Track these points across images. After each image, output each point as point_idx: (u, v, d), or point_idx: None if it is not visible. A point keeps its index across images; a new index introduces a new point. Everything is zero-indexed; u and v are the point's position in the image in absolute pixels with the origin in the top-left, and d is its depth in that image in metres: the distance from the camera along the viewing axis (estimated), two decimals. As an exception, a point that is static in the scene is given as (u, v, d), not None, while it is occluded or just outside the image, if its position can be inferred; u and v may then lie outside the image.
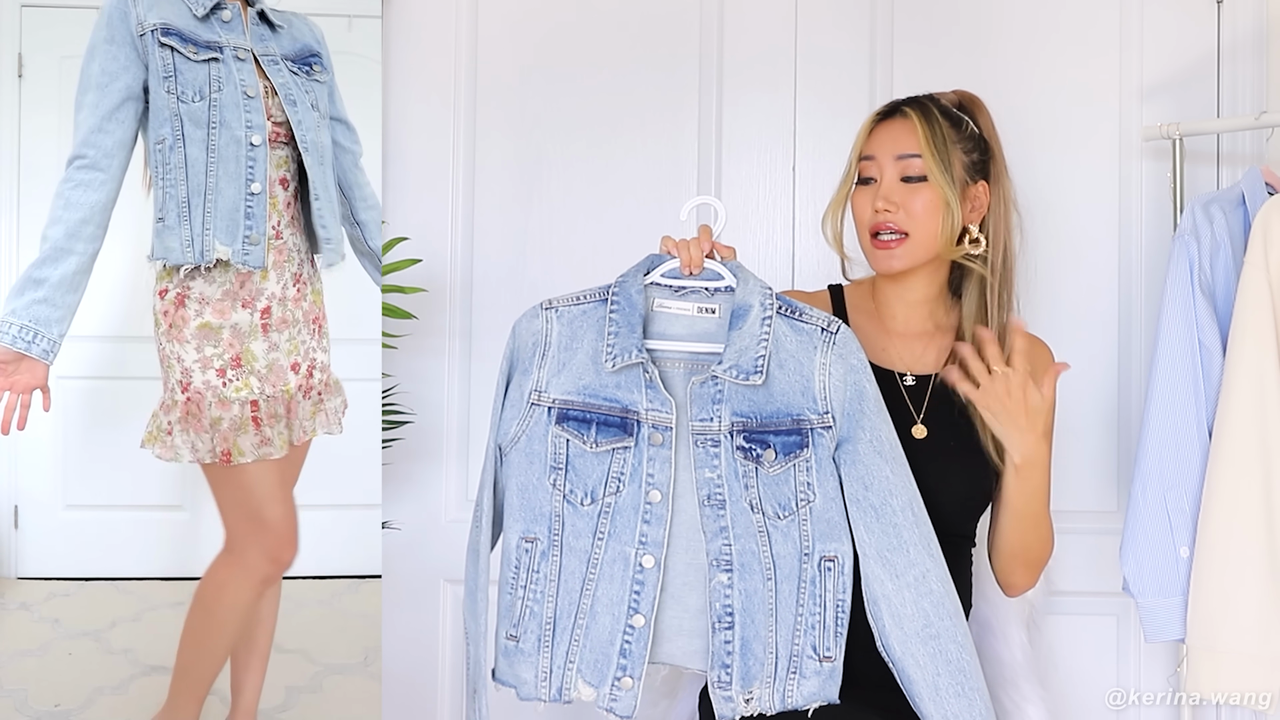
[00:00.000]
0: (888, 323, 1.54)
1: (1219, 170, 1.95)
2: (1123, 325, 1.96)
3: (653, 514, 1.29)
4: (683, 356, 1.33)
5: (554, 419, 1.32)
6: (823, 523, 1.30)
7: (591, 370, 1.32)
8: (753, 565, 1.28)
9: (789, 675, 1.29)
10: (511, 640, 1.32)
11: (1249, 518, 1.56)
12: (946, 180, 1.43)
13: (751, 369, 1.28)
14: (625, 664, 1.28)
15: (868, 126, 1.50)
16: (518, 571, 1.32)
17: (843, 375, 1.31)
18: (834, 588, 1.29)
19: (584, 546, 1.30)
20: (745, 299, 1.32)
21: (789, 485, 1.30)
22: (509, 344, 1.36)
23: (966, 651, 1.29)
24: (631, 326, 1.30)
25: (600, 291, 1.35)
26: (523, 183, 2.05)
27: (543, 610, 1.31)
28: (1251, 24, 1.94)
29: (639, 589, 1.28)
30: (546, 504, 1.31)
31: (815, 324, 1.32)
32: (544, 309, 1.36)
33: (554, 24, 2.05)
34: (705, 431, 1.29)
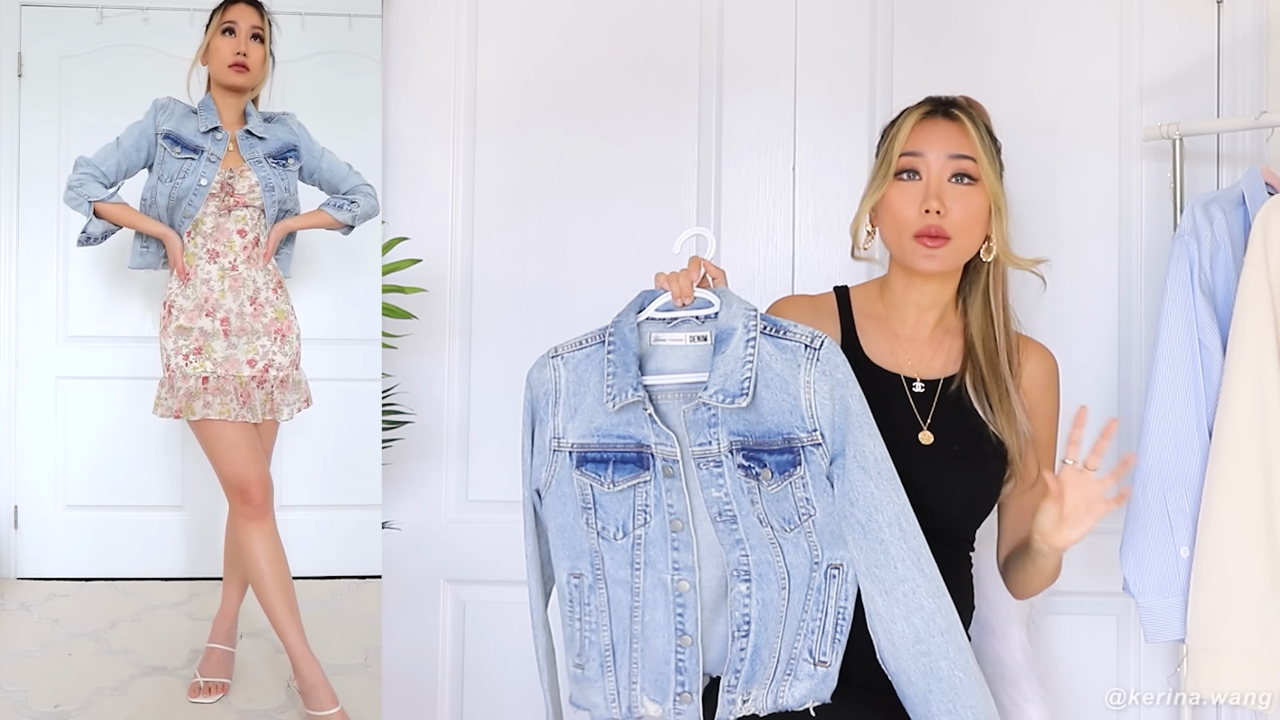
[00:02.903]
0: (896, 326, 1.53)
1: (1219, 170, 1.94)
2: (1123, 325, 1.96)
3: (680, 542, 1.33)
4: (676, 388, 1.36)
5: (575, 463, 1.37)
6: (827, 534, 1.32)
7: (601, 412, 1.36)
8: (769, 575, 1.32)
9: (784, 678, 1.32)
10: (578, 669, 1.41)
11: (1249, 518, 1.56)
12: (999, 184, 1.45)
13: (737, 391, 1.30)
14: (683, 680, 1.34)
15: (911, 123, 1.47)
16: (572, 606, 1.40)
17: (828, 391, 1.32)
18: (837, 595, 1.31)
19: (625, 577, 1.36)
20: (729, 323, 1.33)
21: (789, 502, 1.32)
22: (526, 395, 1.43)
23: (959, 668, 1.28)
24: (627, 366, 1.34)
25: (599, 333, 1.39)
26: (523, 183, 2.05)
27: (599, 639, 1.38)
28: (1251, 24, 1.94)
29: (681, 612, 1.34)
30: (584, 541, 1.38)
31: (799, 341, 1.33)
32: (550, 358, 1.41)
33: (554, 24, 2.05)
34: (706, 455, 1.32)
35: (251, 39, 1.95)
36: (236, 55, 1.93)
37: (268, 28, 1.99)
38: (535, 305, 2.03)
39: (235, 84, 1.96)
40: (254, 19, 1.96)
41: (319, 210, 2.04)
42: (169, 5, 2.49)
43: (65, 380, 2.60)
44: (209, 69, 1.98)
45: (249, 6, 1.97)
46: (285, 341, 1.98)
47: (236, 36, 1.94)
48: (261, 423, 1.97)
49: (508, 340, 2.02)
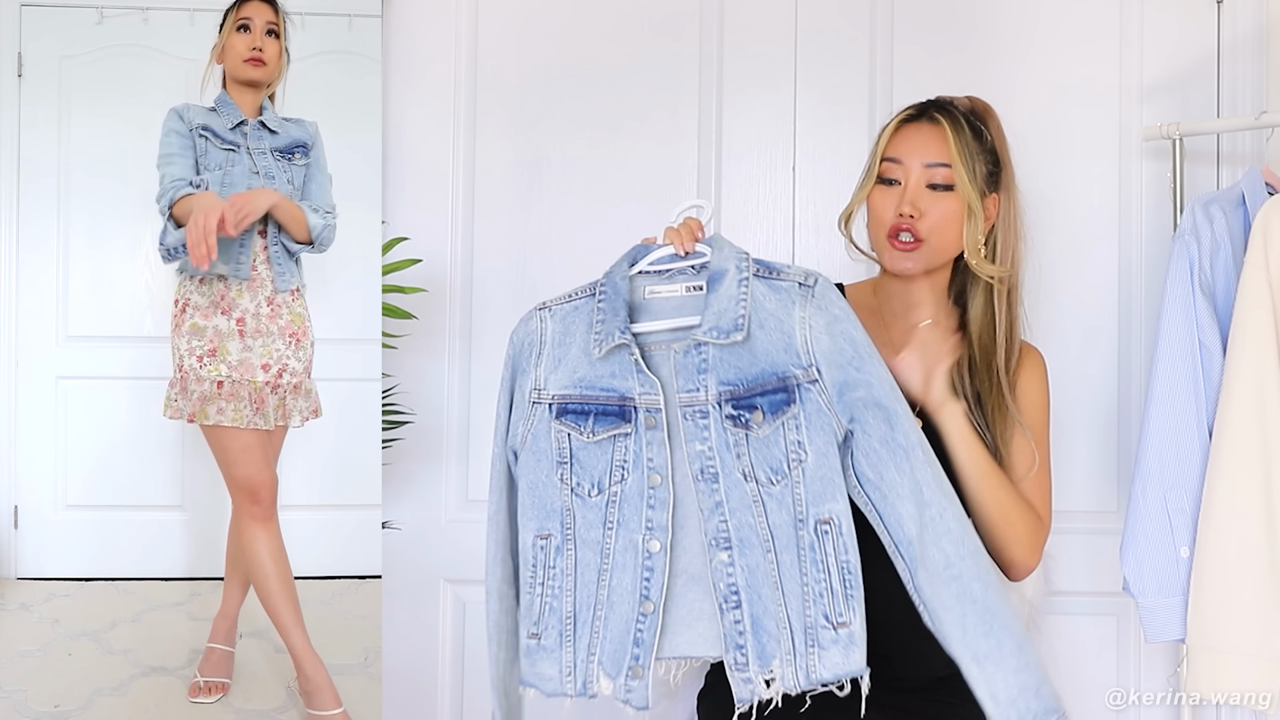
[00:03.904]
0: (890, 321, 1.55)
1: (1219, 170, 1.95)
2: (1123, 325, 1.96)
3: (656, 498, 1.29)
4: (671, 334, 1.33)
5: (554, 414, 1.33)
6: (816, 482, 1.27)
7: (585, 362, 1.33)
8: (751, 539, 1.27)
9: (808, 649, 1.25)
10: (533, 639, 1.33)
11: (1249, 518, 1.56)
12: (974, 191, 1.45)
13: (732, 327, 1.28)
14: (638, 653, 1.27)
15: (892, 128, 1.50)
16: (535, 570, 1.33)
17: (825, 326, 1.29)
18: (835, 550, 1.25)
19: (596, 538, 1.31)
20: (720, 265, 1.32)
21: (779, 446, 1.27)
22: (508, 351, 1.38)
23: (992, 589, 1.25)
24: (615, 311, 1.31)
25: (590, 287, 1.36)
26: (523, 183, 2.05)
27: (562, 605, 1.31)
28: (1251, 24, 1.94)
29: (648, 575, 1.28)
30: (557, 499, 1.32)
31: (792, 280, 1.31)
32: (537, 310, 1.38)
33: (554, 24, 2.05)
34: (693, 403, 1.29)
35: (267, 34, 1.95)
36: (252, 51, 1.93)
37: (282, 23, 1.98)
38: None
39: (252, 78, 1.95)
40: (269, 14, 1.96)
41: (302, 206, 1.96)
42: (169, 5, 2.49)
43: (65, 380, 2.60)
44: (225, 66, 1.98)
45: (263, 2, 1.96)
46: (300, 346, 1.95)
47: (252, 32, 1.94)
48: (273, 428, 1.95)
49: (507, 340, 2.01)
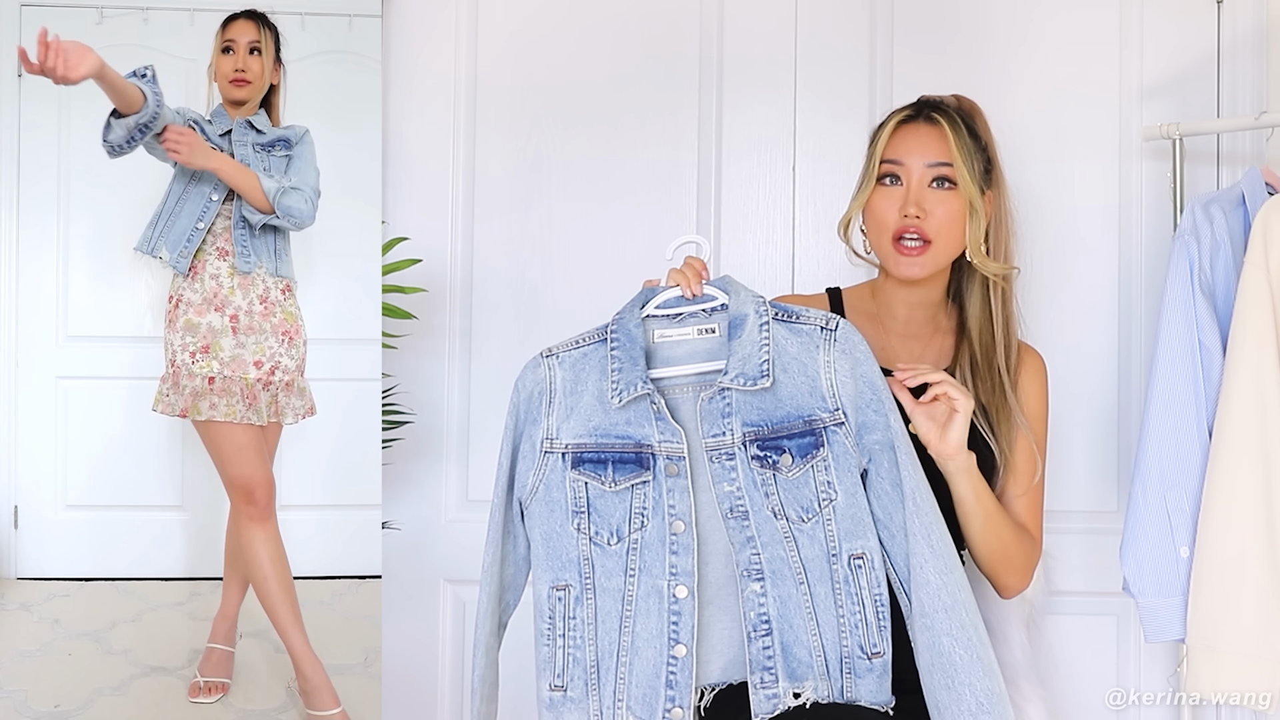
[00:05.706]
0: (888, 324, 1.55)
1: (1219, 170, 1.95)
2: (1123, 325, 1.96)
3: (679, 544, 1.29)
4: (690, 380, 1.34)
5: (569, 464, 1.33)
6: (847, 520, 1.30)
7: (600, 410, 1.33)
8: (783, 571, 1.29)
9: (843, 675, 1.29)
10: (558, 690, 1.32)
11: (1249, 518, 1.56)
12: (975, 189, 1.45)
13: (758, 374, 1.29)
14: (673, 695, 1.28)
15: (890, 129, 1.50)
16: (553, 621, 1.33)
17: (850, 369, 1.31)
18: (869, 584, 1.29)
19: (617, 585, 1.31)
20: (740, 309, 1.33)
21: (809, 487, 1.30)
22: (513, 399, 1.37)
23: (960, 645, 1.26)
24: (634, 360, 1.31)
25: (598, 332, 1.36)
26: (523, 183, 2.05)
27: (585, 655, 1.32)
28: (1251, 24, 1.94)
29: (676, 619, 1.29)
30: (573, 549, 1.33)
31: (814, 324, 1.33)
32: (544, 357, 1.37)
33: (554, 24, 2.05)
34: (719, 447, 1.30)
35: (250, 54, 2.02)
36: (236, 72, 2.02)
37: (266, 38, 2.03)
38: (535, 305, 2.03)
39: (238, 98, 2.03)
40: (251, 34, 2.03)
41: (255, 172, 1.95)
42: (169, 5, 2.49)
43: (65, 380, 2.60)
44: (216, 85, 2.07)
45: (246, 21, 2.03)
46: (292, 345, 1.99)
47: (235, 54, 2.02)
48: (266, 425, 1.97)
49: (508, 340, 2.02)
